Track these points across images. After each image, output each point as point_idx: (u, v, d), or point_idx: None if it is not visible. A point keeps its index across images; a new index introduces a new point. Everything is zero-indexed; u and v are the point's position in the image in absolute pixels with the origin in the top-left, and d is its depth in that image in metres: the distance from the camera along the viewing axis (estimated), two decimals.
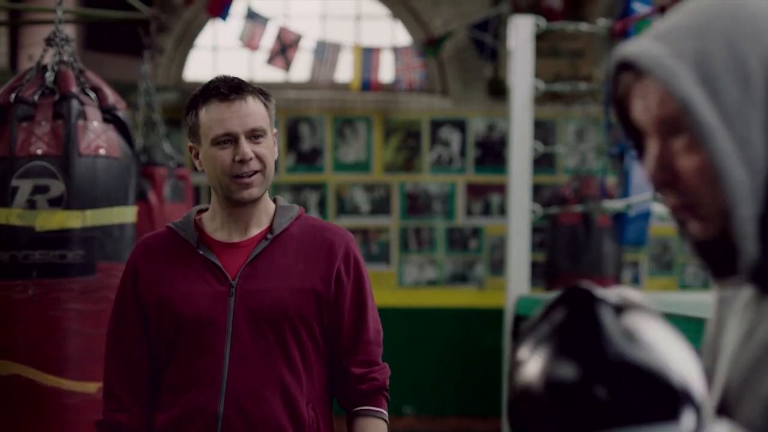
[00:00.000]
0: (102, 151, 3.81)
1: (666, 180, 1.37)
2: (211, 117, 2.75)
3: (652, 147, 1.38)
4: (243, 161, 2.73)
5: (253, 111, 2.76)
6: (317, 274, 2.82)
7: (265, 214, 2.86)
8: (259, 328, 2.76)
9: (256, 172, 2.75)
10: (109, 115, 3.91)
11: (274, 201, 2.92)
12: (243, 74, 3.47)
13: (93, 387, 3.70)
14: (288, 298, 2.78)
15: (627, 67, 1.39)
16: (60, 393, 3.71)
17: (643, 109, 1.38)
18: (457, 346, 9.46)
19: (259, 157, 2.75)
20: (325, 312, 2.82)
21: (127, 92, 6.69)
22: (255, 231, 2.85)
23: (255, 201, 2.81)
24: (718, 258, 1.38)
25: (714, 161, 1.30)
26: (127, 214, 3.91)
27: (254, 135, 2.75)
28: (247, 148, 2.73)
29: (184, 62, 9.96)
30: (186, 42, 9.93)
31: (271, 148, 2.80)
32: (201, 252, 2.81)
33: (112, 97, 3.96)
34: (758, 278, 1.34)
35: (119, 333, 2.86)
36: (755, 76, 1.30)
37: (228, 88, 2.77)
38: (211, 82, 2.81)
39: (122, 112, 3.95)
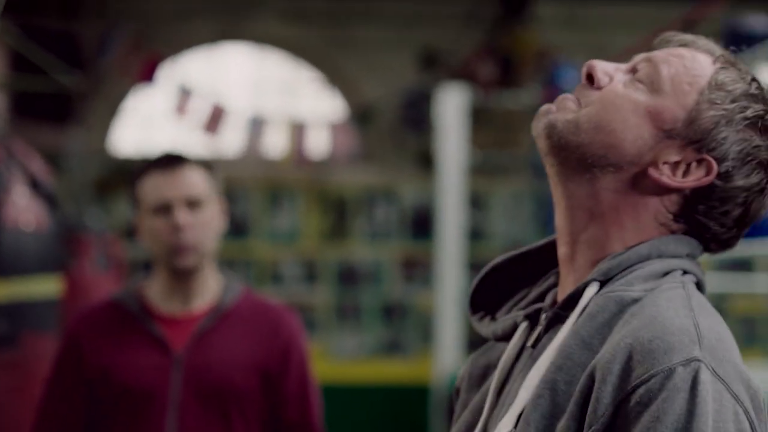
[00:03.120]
0: (27, 223, 3.75)
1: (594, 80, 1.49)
2: (150, 187, 2.76)
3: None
4: (177, 230, 2.72)
5: (191, 180, 2.77)
6: (263, 352, 2.81)
7: (209, 286, 2.84)
8: (205, 404, 2.73)
9: (190, 241, 2.73)
10: (34, 186, 3.85)
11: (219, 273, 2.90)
12: (172, 144, 3.47)
13: None
14: (235, 376, 2.76)
15: None
16: None
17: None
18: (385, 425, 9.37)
19: (194, 227, 2.73)
20: (270, 391, 2.80)
21: (56, 159, 6.63)
22: (199, 303, 2.83)
23: (196, 271, 2.79)
24: None
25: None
26: (51, 285, 3.85)
27: (191, 204, 2.74)
28: (181, 217, 2.72)
29: (111, 131, 9.90)
30: (113, 110, 9.88)
31: (211, 218, 2.79)
32: (144, 323, 2.78)
33: (38, 167, 3.91)
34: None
35: (56, 403, 2.80)
36: None
37: (167, 159, 2.79)
38: (155, 157, 2.84)
39: (48, 182, 3.90)
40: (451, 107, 6.51)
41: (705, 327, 1.31)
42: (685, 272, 1.42)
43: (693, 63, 1.45)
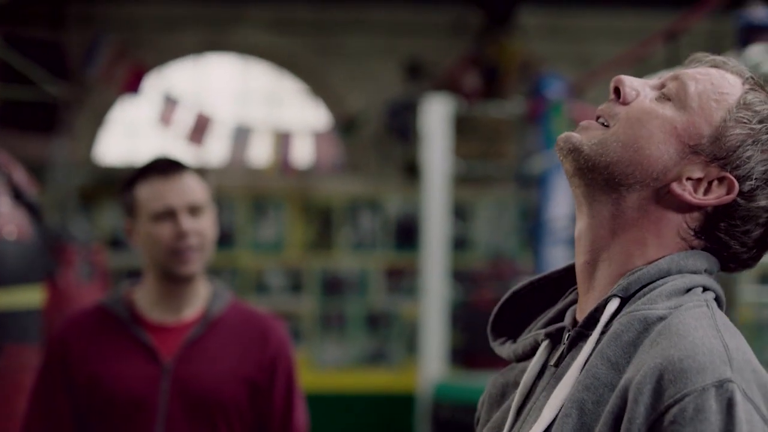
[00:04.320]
0: (9, 233, 3.75)
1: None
2: (150, 192, 2.74)
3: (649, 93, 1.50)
4: (182, 236, 2.71)
5: (192, 187, 2.76)
6: (251, 362, 2.80)
7: (199, 295, 2.83)
8: (194, 413, 2.72)
9: (195, 247, 2.73)
10: (17, 195, 3.85)
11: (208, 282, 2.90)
12: (160, 153, 3.47)
13: None
14: (223, 386, 2.75)
15: None
16: None
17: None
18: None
19: (198, 233, 2.73)
20: (258, 401, 2.80)
21: (41, 169, 6.62)
22: (188, 312, 2.81)
23: (191, 279, 2.78)
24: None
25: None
26: (34, 295, 3.84)
27: (193, 210, 2.74)
28: (186, 222, 2.71)
29: (96, 140, 9.89)
30: (99, 120, 9.88)
31: (210, 224, 2.78)
32: (133, 331, 2.77)
33: (21, 176, 3.90)
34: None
35: (43, 410, 2.78)
36: None
37: (167, 165, 2.77)
38: (149, 162, 2.81)
39: (32, 192, 3.90)
40: (436, 117, 6.54)
41: (733, 348, 1.32)
42: (705, 289, 1.42)
43: (721, 81, 1.46)
